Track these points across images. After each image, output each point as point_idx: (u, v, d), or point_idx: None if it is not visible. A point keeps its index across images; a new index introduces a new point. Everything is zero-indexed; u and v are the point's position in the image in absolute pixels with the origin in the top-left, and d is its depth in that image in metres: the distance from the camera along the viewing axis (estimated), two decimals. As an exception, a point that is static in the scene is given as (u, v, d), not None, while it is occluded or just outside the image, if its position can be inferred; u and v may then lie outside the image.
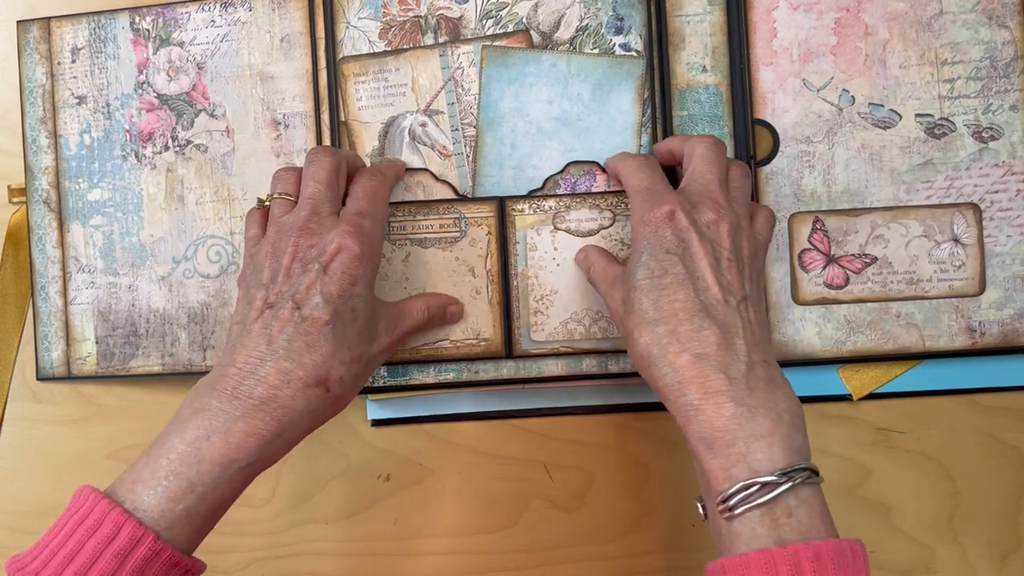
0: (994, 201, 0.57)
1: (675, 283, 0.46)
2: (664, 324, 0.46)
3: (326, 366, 0.47)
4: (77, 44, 0.61)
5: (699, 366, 0.44)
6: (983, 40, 0.57)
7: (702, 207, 0.48)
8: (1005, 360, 0.58)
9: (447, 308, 0.56)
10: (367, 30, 0.58)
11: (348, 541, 0.60)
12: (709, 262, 0.47)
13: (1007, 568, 0.58)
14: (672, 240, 0.47)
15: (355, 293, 0.48)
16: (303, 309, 0.47)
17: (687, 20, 0.58)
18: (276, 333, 0.47)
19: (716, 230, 0.48)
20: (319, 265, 0.48)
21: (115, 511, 0.43)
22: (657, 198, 0.49)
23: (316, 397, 0.47)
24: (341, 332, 0.48)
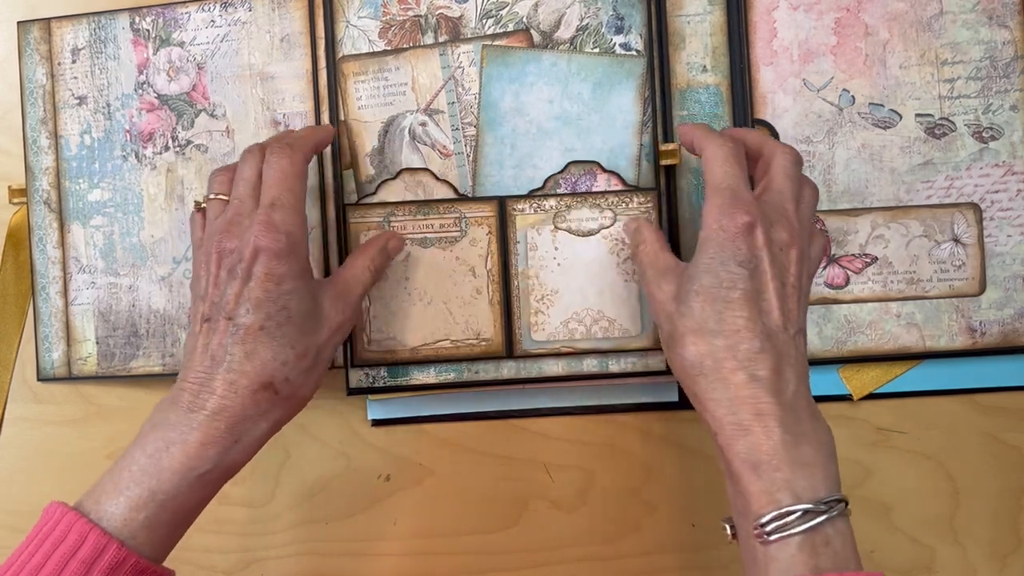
0: (994, 201, 0.57)
1: (742, 299, 0.45)
2: (724, 338, 0.45)
3: (268, 370, 0.47)
4: (77, 44, 0.61)
5: (753, 387, 0.44)
6: (983, 40, 0.57)
7: (779, 226, 0.47)
8: (1005, 360, 0.58)
9: (387, 248, 0.55)
10: (367, 29, 0.58)
11: (348, 541, 0.60)
12: (776, 286, 0.46)
13: (1007, 568, 0.58)
14: (746, 254, 0.46)
15: (283, 291, 0.48)
16: (235, 319, 0.47)
17: (687, 20, 0.58)
18: (216, 347, 0.47)
19: (787, 254, 0.47)
20: (242, 271, 0.47)
21: (80, 521, 0.44)
22: (740, 206, 0.47)
23: (267, 401, 0.47)
24: (278, 333, 0.47)
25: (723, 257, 0.46)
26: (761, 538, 0.42)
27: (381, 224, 0.58)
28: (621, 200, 0.57)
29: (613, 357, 0.57)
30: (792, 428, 0.43)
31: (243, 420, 0.47)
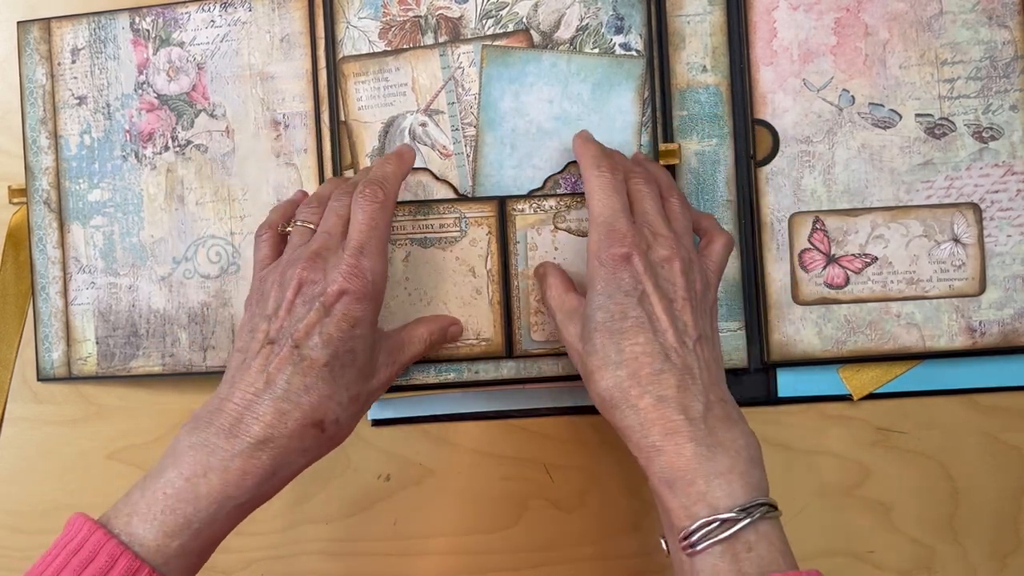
0: (994, 201, 0.57)
1: (635, 327, 0.47)
2: (626, 367, 0.46)
3: (323, 408, 0.47)
4: (77, 44, 0.61)
5: (660, 408, 0.45)
6: (983, 40, 0.57)
7: (656, 245, 0.49)
8: (1005, 360, 0.58)
9: (447, 330, 0.56)
10: (367, 30, 0.58)
11: (348, 541, 0.60)
12: (664, 305, 0.47)
13: (1007, 568, 0.58)
14: (629, 282, 0.47)
15: (355, 335, 0.48)
16: (302, 349, 0.47)
17: (687, 20, 0.58)
18: (275, 371, 0.47)
19: (670, 269, 0.48)
20: (320, 304, 0.47)
21: (111, 543, 0.43)
22: (616, 238, 0.48)
23: (312, 438, 0.47)
24: (339, 374, 0.48)
25: (610, 291, 0.47)
26: (688, 551, 0.43)
27: None
28: None
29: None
30: (704, 439, 0.44)
31: (286, 453, 0.46)
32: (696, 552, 0.43)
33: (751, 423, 0.58)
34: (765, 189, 0.57)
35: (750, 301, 0.57)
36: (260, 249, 0.53)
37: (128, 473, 0.61)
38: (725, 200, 0.58)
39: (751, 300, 0.57)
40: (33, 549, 0.61)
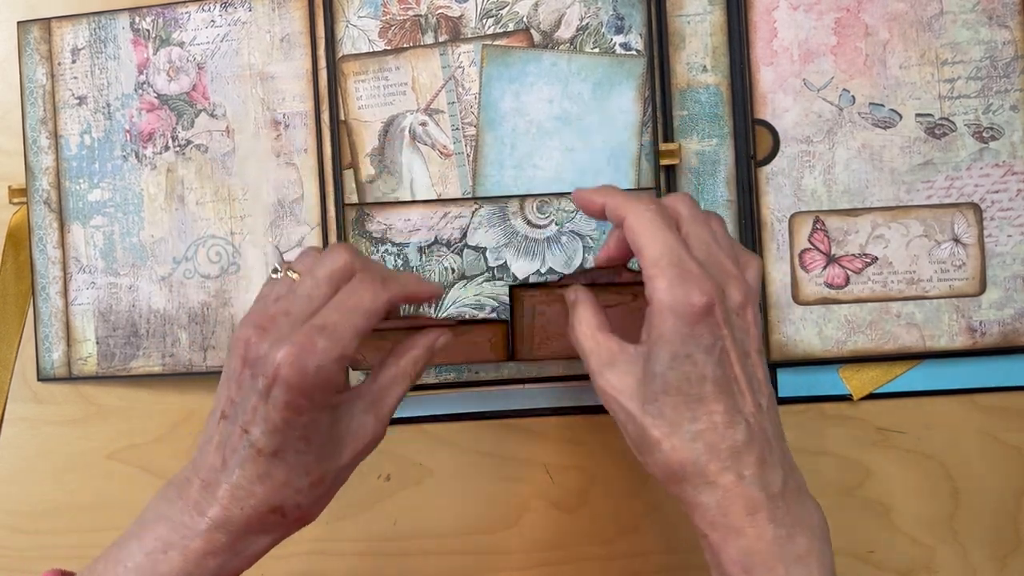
0: (994, 201, 0.57)
1: (714, 392, 0.41)
2: (703, 439, 0.41)
3: (279, 495, 0.43)
4: (77, 44, 0.61)
5: (741, 486, 0.41)
6: (983, 40, 0.57)
7: (729, 288, 0.42)
8: (1005, 360, 0.58)
9: (434, 345, 0.48)
10: (367, 29, 0.58)
11: (348, 541, 0.60)
12: (740, 365, 0.42)
13: (1007, 568, 0.58)
14: (708, 339, 0.41)
15: (302, 423, 0.42)
16: (250, 435, 0.42)
17: (687, 20, 0.58)
18: (229, 454, 0.43)
19: (744, 318, 0.43)
20: (262, 386, 0.42)
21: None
22: (693, 283, 0.41)
23: (272, 522, 0.44)
24: (294, 461, 0.43)
25: (688, 349, 0.41)
26: None
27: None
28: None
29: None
30: (783, 519, 0.41)
31: (246, 536, 0.43)
32: None
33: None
34: (765, 189, 0.57)
35: (750, 301, 0.57)
36: None
37: (128, 473, 0.61)
38: (725, 200, 0.58)
39: (751, 300, 0.57)
40: (33, 549, 0.61)
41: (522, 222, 0.58)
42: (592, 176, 0.57)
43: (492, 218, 0.58)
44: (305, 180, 0.59)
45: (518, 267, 0.58)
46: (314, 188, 0.59)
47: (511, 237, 0.58)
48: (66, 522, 0.61)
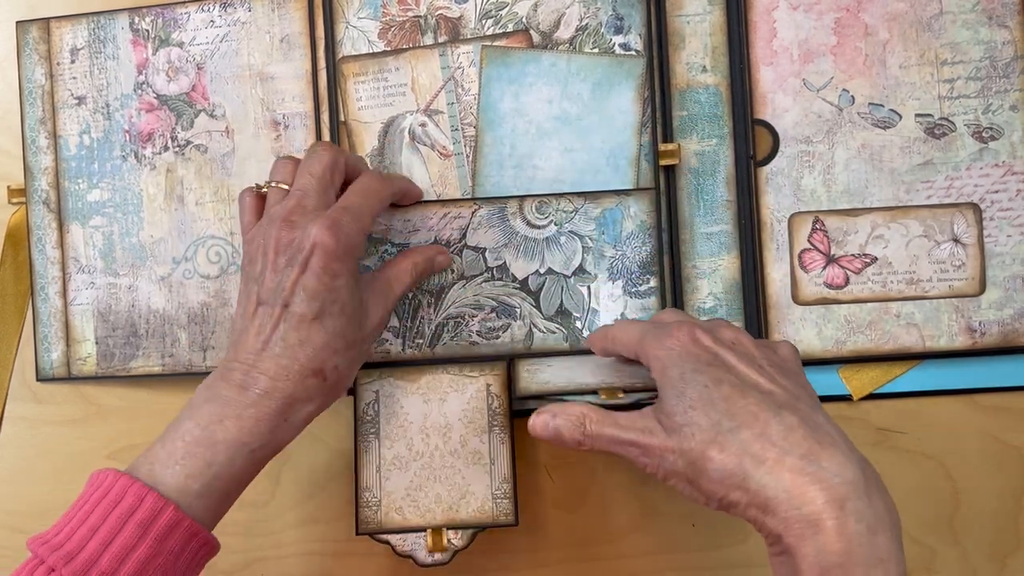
0: (994, 201, 0.57)
1: (736, 390, 0.42)
2: (747, 428, 0.40)
3: (319, 358, 0.48)
4: (76, 44, 0.61)
5: (810, 470, 0.39)
6: (983, 40, 0.57)
7: (717, 328, 0.46)
8: (1005, 360, 0.58)
9: (434, 260, 0.56)
10: (367, 30, 0.58)
11: (348, 541, 0.60)
12: (754, 369, 0.43)
13: (1007, 568, 0.58)
14: (706, 356, 0.43)
15: (337, 286, 0.49)
16: (291, 306, 0.48)
17: (687, 20, 0.58)
18: (270, 331, 0.48)
19: (741, 344, 0.45)
20: (299, 259, 0.49)
21: (136, 485, 0.44)
22: (669, 326, 0.46)
23: (314, 386, 0.49)
24: (330, 324, 0.49)
25: (692, 366, 0.43)
26: None
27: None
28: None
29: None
30: (863, 515, 0.38)
31: (293, 402, 0.48)
32: None
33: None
34: (765, 189, 0.57)
35: (750, 301, 0.57)
36: (243, 213, 0.54)
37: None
38: (725, 200, 0.58)
39: (751, 300, 0.57)
40: (33, 549, 0.61)
41: (521, 222, 0.58)
42: (591, 177, 0.57)
43: (491, 218, 0.58)
44: (305, 180, 0.59)
45: (517, 267, 0.58)
46: (314, 188, 0.59)
47: (510, 237, 0.58)
48: (66, 522, 0.61)
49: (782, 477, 0.39)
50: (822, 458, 0.39)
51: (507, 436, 0.57)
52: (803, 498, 0.38)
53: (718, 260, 0.58)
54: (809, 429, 0.40)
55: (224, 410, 0.47)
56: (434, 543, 0.56)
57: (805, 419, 0.40)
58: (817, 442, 0.39)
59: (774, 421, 0.40)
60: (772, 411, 0.40)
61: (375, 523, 0.57)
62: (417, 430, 0.57)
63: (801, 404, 0.41)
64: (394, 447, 0.57)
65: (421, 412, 0.57)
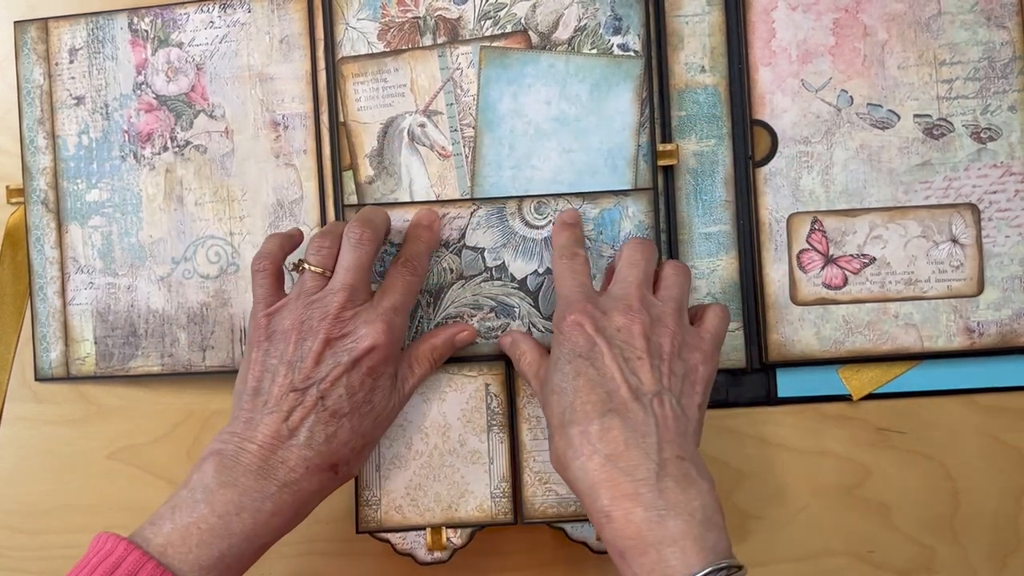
0: (992, 201, 0.57)
1: (587, 385, 0.47)
2: (577, 425, 0.46)
3: (339, 454, 0.50)
4: (75, 45, 0.61)
5: (607, 469, 0.45)
6: (981, 41, 0.57)
7: (612, 313, 0.49)
8: (1005, 360, 0.58)
9: (455, 339, 0.56)
10: (366, 31, 0.58)
11: (348, 541, 0.60)
12: (618, 363, 0.47)
13: (1007, 568, 0.58)
14: (584, 345, 0.48)
15: (377, 387, 0.51)
16: (327, 400, 0.49)
17: (686, 20, 0.58)
18: (299, 420, 0.49)
19: (628, 332, 0.49)
20: (349, 358, 0.50)
21: (150, 563, 0.44)
22: (570, 306, 0.50)
23: (327, 480, 0.50)
24: (358, 423, 0.50)
25: (566, 354, 0.49)
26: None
27: None
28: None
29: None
30: (654, 503, 0.43)
31: (306, 495, 0.49)
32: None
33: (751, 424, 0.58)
34: (763, 189, 0.57)
35: (748, 301, 0.57)
36: (261, 285, 0.53)
37: (128, 473, 0.61)
38: (723, 200, 0.58)
39: (749, 300, 0.57)
40: (33, 549, 0.61)
41: (520, 223, 0.58)
42: (590, 177, 0.57)
43: (490, 219, 0.58)
44: (304, 181, 0.59)
45: (516, 267, 0.58)
46: (313, 189, 0.59)
47: (509, 238, 0.58)
48: (66, 522, 0.61)
49: (588, 473, 0.45)
50: (622, 459, 0.45)
51: (506, 436, 0.57)
52: (598, 492, 0.44)
53: (716, 260, 0.58)
54: (626, 431, 0.45)
55: (242, 500, 0.47)
56: (433, 541, 0.56)
57: (628, 422, 0.46)
58: (624, 443, 0.45)
59: (597, 422, 0.46)
60: (600, 413, 0.46)
61: (375, 522, 0.57)
62: (416, 429, 0.57)
63: (640, 404, 0.46)
64: (393, 446, 0.57)
65: (420, 412, 0.57)
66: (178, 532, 0.46)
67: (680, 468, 0.45)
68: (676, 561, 0.42)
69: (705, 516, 0.43)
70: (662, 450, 0.45)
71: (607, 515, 0.44)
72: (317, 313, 0.50)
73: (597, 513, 0.45)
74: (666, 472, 0.44)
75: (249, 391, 0.50)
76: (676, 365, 0.49)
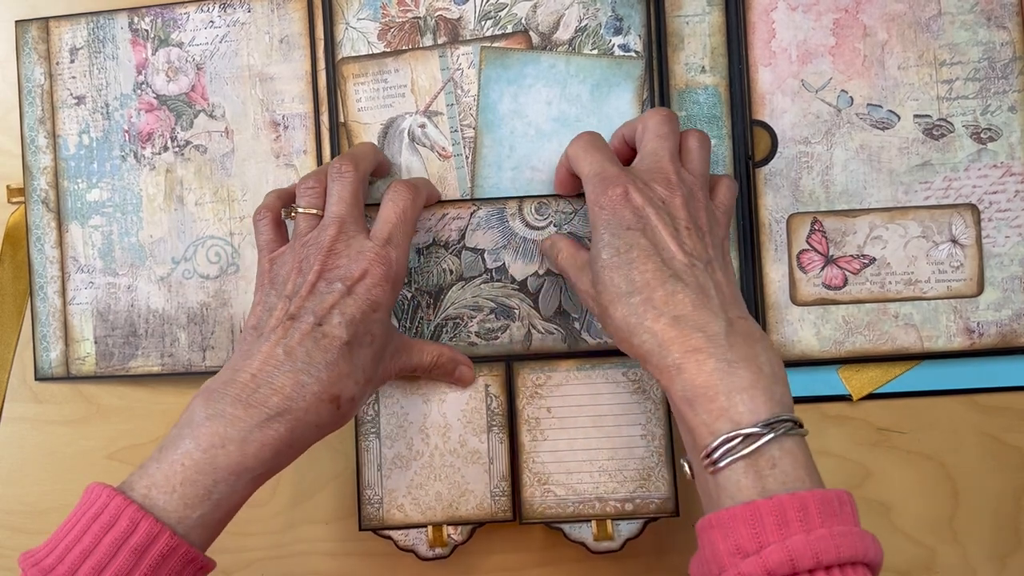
0: (992, 202, 0.57)
1: (642, 255, 0.47)
2: (638, 294, 0.46)
3: (340, 384, 0.48)
4: (76, 44, 0.61)
5: (677, 327, 0.45)
6: (981, 41, 0.57)
7: (653, 184, 0.49)
8: (1005, 360, 0.58)
9: (458, 365, 0.56)
10: (366, 31, 0.58)
11: (348, 541, 0.60)
12: (670, 232, 0.47)
13: (1007, 568, 0.58)
14: (631, 217, 0.48)
15: (375, 319, 0.49)
16: (324, 326, 0.48)
17: (686, 21, 0.58)
18: (295, 344, 0.47)
19: (671, 203, 0.49)
20: (343, 285, 0.49)
21: (131, 507, 0.43)
22: (609, 180, 0.49)
23: (327, 412, 0.47)
24: (358, 353, 0.49)
25: (612, 228, 0.48)
26: (710, 469, 0.43)
27: None
28: None
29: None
30: (724, 355, 0.44)
31: (301, 426, 0.47)
32: (719, 469, 0.42)
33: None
34: (763, 190, 0.58)
35: (748, 302, 0.57)
36: (263, 232, 0.53)
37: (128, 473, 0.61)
38: (724, 201, 0.58)
39: (749, 301, 0.57)
40: (32, 549, 0.61)
41: (520, 223, 0.58)
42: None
43: (490, 219, 0.58)
44: (304, 181, 0.59)
45: (516, 269, 0.58)
46: (313, 189, 0.59)
47: (509, 238, 0.58)
48: (66, 522, 0.61)
49: (656, 333, 0.45)
50: (691, 318, 0.45)
51: (505, 436, 0.57)
52: (668, 348, 0.45)
53: (717, 260, 0.58)
54: (691, 294, 0.46)
55: (227, 431, 0.45)
56: (435, 538, 0.56)
57: (691, 286, 0.46)
58: (692, 304, 0.46)
59: (660, 289, 0.46)
60: (662, 280, 0.46)
61: (377, 520, 0.57)
62: (417, 430, 0.57)
63: (697, 270, 0.47)
64: (395, 446, 0.57)
65: (421, 412, 0.57)
66: (162, 472, 0.45)
67: (745, 326, 0.46)
68: (744, 408, 0.42)
69: (772, 370, 0.44)
70: (727, 310, 0.46)
71: (678, 367, 0.44)
72: (313, 250, 0.50)
73: (667, 368, 0.45)
74: (734, 329, 0.45)
75: (249, 329, 0.50)
76: (713, 236, 0.49)
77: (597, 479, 0.56)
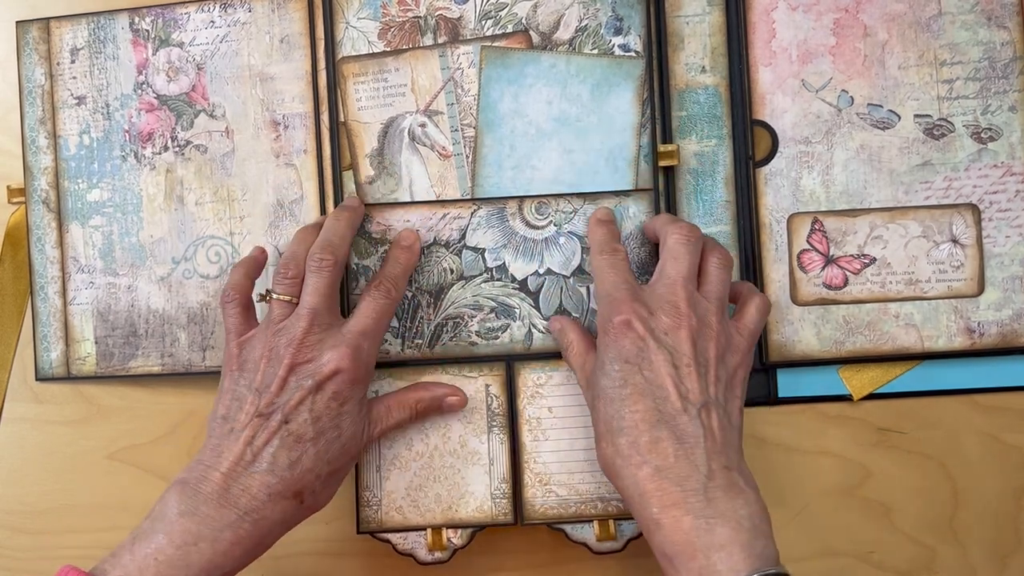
0: (993, 202, 0.57)
1: (635, 393, 0.47)
2: (626, 435, 0.47)
3: (303, 481, 0.49)
4: (76, 44, 0.61)
5: (657, 479, 0.45)
6: (982, 41, 0.57)
7: (660, 313, 0.49)
8: (1005, 360, 0.58)
9: (443, 400, 0.56)
10: (366, 30, 0.58)
11: (348, 541, 0.60)
12: (668, 370, 0.47)
13: (1007, 568, 0.58)
14: (631, 349, 0.48)
15: (343, 412, 0.50)
16: (290, 424, 0.49)
17: (686, 20, 0.58)
18: (261, 444, 0.49)
19: (675, 336, 0.48)
20: (313, 381, 0.49)
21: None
22: (616, 305, 0.50)
23: (291, 508, 0.49)
24: (324, 449, 0.50)
25: (612, 357, 0.49)
26: None
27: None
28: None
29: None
30: (702, 511, 0.44)
31: (269, 523, 0.48)
32: None
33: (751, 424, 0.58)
34: (764, 190, 0.58)
35: (749, 301, 0.57)
36: (231, 317, 0.54)
37: (128, 473, 0.61)
38: (724, 201, 0.58)
39: (750, 300, 0.57)
40: (33, 549, 0.61)
41: (520, 223, 0.58)
42: (590, 178, 0.57)
43: (491, 219, 0.58)
44: (305, 181, 0.59)
45: (517, 268, 0.58)
46: (314, 189, 0.59)
47: (509, 238, 0.58)
48: (66, 522, 0.61)
49: (638, 482, 0.46)
50: (672, 470, 0.45)
51: (506, 436, 0.57)
52: (648, 501, 0.45)
53: (717, 260, 0.58)
54: (676, 444, 0.46)
55: (200, 530, 0.46)
56: (434, 542, 0.56)
57: (678, 431, 0.46)
58: (674, 456, 0.46)
59: (647, 434, 0.46)
60: (650, 424, 0.46)
61: (376, 522, 0.57)
62: (416, 430, 0.57)
63: (688, 415, 0.47)
64: (394, 447, 0.57)
65: (420, 412, 0.57)
66: (135, 564, 0.46)
67: (728, 478, 0.46)
68: (723, 566, 0.42)
69: (752, 524, 0.44)
70: (710, 460, 0.46)
71: (656, 522, 0.45)
72: (284, 340, 0.50)
73: (647, 520, 0.45)
74: (714, 482, 0.45)
75: (219, 419, 0.51)
76: (720, 371, 0.49)
77: (599, 479, 0.56)
